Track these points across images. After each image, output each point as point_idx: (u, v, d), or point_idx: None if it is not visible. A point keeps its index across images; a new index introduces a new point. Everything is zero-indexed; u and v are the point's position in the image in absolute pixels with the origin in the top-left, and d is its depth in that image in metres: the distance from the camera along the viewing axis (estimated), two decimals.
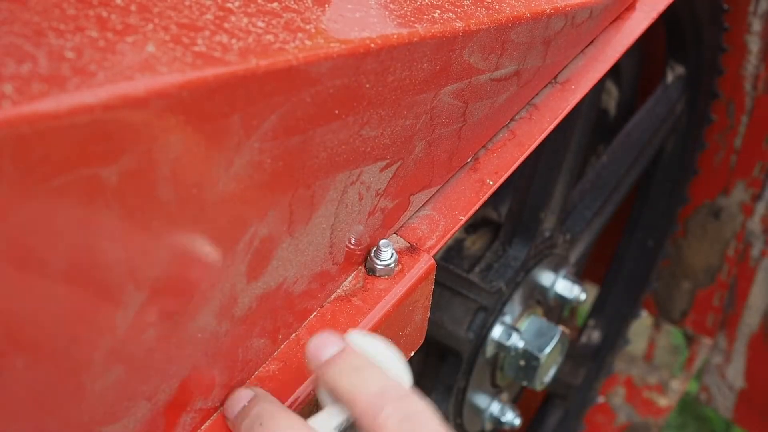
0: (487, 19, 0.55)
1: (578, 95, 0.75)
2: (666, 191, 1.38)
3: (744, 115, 1.35)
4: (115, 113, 0.33)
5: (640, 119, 1.23)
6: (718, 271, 1.49)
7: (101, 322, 0.37)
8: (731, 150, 1.39)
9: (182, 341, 0.43)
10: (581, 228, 1.11)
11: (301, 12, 0.44)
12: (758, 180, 1.39)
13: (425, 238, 0.61)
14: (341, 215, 0.52)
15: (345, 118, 0.46)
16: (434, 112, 0.55)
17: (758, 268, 1.45)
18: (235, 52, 0.38)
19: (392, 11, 0.49)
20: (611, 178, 1.16)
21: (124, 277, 0.37)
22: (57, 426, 0.38)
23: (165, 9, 0.38)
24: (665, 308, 1.56)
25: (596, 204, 1.14)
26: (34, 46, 0.32)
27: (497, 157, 0.68)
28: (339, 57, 0.43)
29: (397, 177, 0.56)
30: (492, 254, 0.98)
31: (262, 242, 0.46)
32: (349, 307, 0.56)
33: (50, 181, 0.32)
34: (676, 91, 1.26)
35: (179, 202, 0.38)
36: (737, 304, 1.48)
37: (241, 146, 0.40)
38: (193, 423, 0.48)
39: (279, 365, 0.52)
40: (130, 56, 0.34)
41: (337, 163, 0.48)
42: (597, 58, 0.78)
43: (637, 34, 0.82)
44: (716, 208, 1.45)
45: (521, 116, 0.71)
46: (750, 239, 1.44)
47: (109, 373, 0.39)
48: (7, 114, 0.29)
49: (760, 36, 1.27)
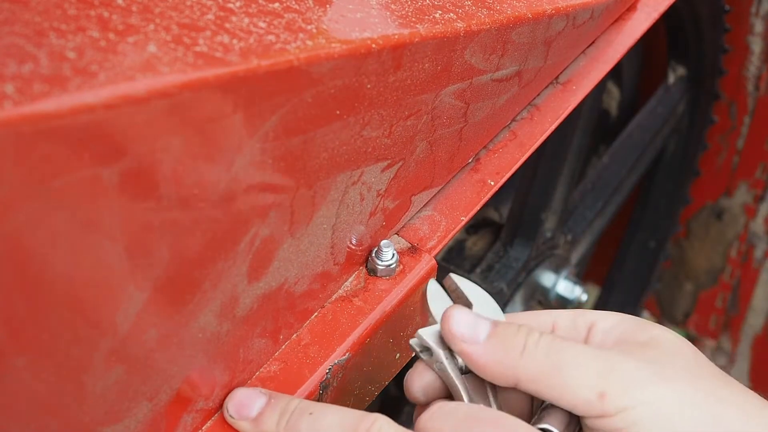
0: (488, 19, 0.55)
1: (579, 96, 0.75)
2: (667, 192, 1.38)
3: (746, 116, 1.35)
4: (116, 113, 0.33)
5: (641, 120, 1.23)
6: (720, 272, 1.49)
7: (102, 322, 0.37)
8: (733, 151, 1.39)
9: (183, 342, 0.43)
10: (583, 229, 1.11)
11: (302, 12, 0.44)
12: (761, 181, 1.39)
13: (426, 239, 0.61)
14: (342, 216, 0.52)
15: (346, 119, 0.46)
16: (435, 112, 0.55)
17: (762, 269, 1.44)
18: (237, 53, 0.38)
19: (393, 12, 0.49)
20: (612, 178, 1.16)
21: (125, 278, 0.37)
22: (58, 426, 0.38)
23: (166, 9, 0.38)
24: (668, 310, 1.56)
25: (598, 205, 1.14)
26: (36, 46, 0.32)
27: (498, 157, 0.68)
28: (340, 57, 0.43)
29: (398, 177, 0.56)
30: (493, 255, 0.98)
31: (264, 243, 0.46)
32: (350, 308, 0.56)
33: (51, 181, 0.32)
34: (677, 92, 1.26)
35: (180, 203, 0.38)
36: (741, 305, 1.48)
37: (243, 147, 0.40)
38: (194, 423, 0.48)
39: (280, 365, 0.52)
40: (132, 56, 0.34)
41: (338, 164, 0.48)
42: (598, 59, 0.78)
43: (639, 35, 0.82)
44: (719, 209, 1.45)
45: (522, 117, 0.71)
46: (753, 241, 1.44)
47: (110, 373, 0.39)
48: (9, 114, 0.29)
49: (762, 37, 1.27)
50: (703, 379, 0.47)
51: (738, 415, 0.45)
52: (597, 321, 0.51)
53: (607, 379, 0.45)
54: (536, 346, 0.47)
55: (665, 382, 0.46)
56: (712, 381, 0.47)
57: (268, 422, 0.47)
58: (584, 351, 0.47)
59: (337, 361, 0.53)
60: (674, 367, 0.47)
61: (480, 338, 0.48)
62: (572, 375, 0.46)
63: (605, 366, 0.46)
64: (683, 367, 0.47)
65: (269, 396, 0.48)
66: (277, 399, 0.48)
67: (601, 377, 0.46)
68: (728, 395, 0.46)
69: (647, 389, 0.45)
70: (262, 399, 0.48)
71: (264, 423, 0.47)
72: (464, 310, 0.49)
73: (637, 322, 0.51)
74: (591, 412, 0.46)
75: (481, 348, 0.48)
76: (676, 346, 0.49)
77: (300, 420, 0.46)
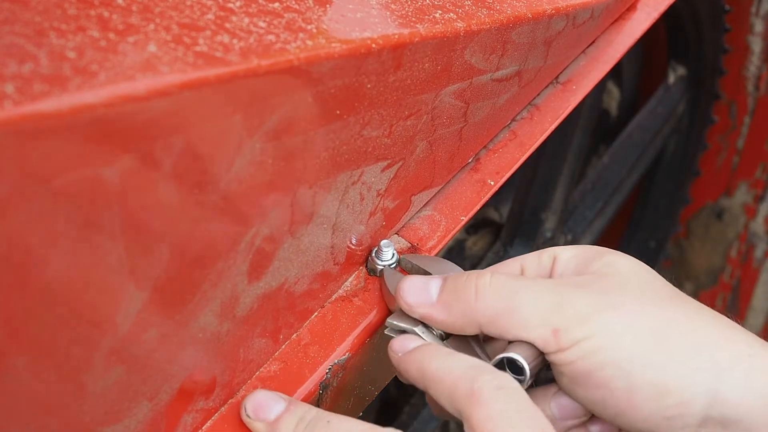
0: (488, 19, 0.55)
1: (579, 96, 0.75)
2: (667, 192, 1.38)
3: (746, 115, 1.35)
4: (116, 113, 0.33)
5: (641, 120, 1.23)
6: (720, 272, 1.49)
7: (102, 322, 0.37)
8: (733, 151, 1.39)
9: (184, 341, 0.43)
10: (583, 229, 1.11)
11: (302, 12, 0.44)
12: (761, 181, 1.39)
13: (426, 239, 0.61)
14: (342, 215, 0.52)
15: (346, 119, 0.46)
16: (435, 112, 0.55)
17: (762, 269, 1.44)
18: (237, 52, 0.38)
19: (393, 11, 0.49)
20: (612, 178, 1.16)
21: (125, 277, 0.37)
22: (58, 426, 0.38)
23: (166, 9, 0.38)
24: None
25: (598, 205, 1.14)
26: (36, 46, 0.32)
27: (498, 157, 0.68)
28: (340, 57, 0.43)
29: (398, 177, 0.56)
30: (493, 255, 0.98)
31: (264, 242, 0.46)
32: (351, 307, 0.56)
33: (52, 181, 0.32)
34: (677, 92, 1.26)
35: (180, 203, 0.38)
36: (741, 305, 1.48)
37: (243, 146, 0.40)
38: (194, 423, 0.48)
39: (280, 365, 0.52)
40: (132, 56, 0.34)
41: (338, 164, 0.48)
42: (598, 59, 0.79)
43: (639, 35, 0.82)
44: (719, 209, 1.45)
45: (522, 116, 0.71)
46: (753, 240, 1.44)
47: (111, 373, 0.39)
48: (9, 114, 0.29)
49: (762, 36, 1.27)
50: (655, 302, 0.48)
51: (684, 333, 0.47)
52: (559, 254, 0.53)
53: (558, 315, 0.47)
54: (487, 287, 0.49)
55: (613, 310, 0.47)
56: (663, 303, 0.48)
57: (284, 427, 0.47)
58: (535, 287, 0.49)
59: (337, 361, 0.53)
60: (624, 294, 0.48)
61: (433, 297, 0.50)
62: (526, 314, 0.48)
63: (555, 301, 0.48)
64: (635, 292, 0.49)
65: (288, 402, 0.49)
66: (296, 406, 0.48)
67: (553, 313, 0.47)
68: (677, 315, 0.48)
69: (596, 320, 0.47)
70: (282, 404, 0.48)
71: (281, 428, 0.47)
72: (412, 278, 0.51)
73: (595, 251, 0.52)
74: (548, 348, 0.48)
75: (438, 305, 0.50)
76: (631, 271, 0.50)
77: (317, 427, 0.46)
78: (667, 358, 0.46)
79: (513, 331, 0.48)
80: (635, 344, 0.46)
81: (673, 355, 0.46)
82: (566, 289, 0.48)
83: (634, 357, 0.46)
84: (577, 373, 0.47)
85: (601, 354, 0.46)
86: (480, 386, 0.43)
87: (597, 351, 0.46)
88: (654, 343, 0.46)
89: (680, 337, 0.47)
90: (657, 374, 0.46)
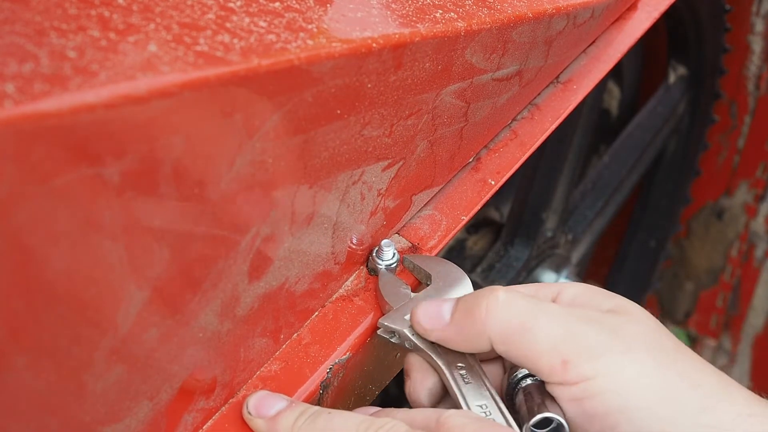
0: (488, 19, 0.55)
1: (580, 95, 0.75)
2: (668, 192, 1.38)
3: (747, 115, 1.35)
4: (116, 113, 0.33)
5: (641, 119, 1.23)
6: (721, 272, 1.49)
7: (103, 321, 0.37)
8: (734, 150, 1.39)
9: (184, 341, 0.43)
10: (583, 228, 1.11)
11: (302, 12, 0.44)
12: (761, 181, 1.39)
13: (427, 238, 0.61)
14: (343, 215, 0.52)
15: (347, 118, 0.46)
16: (436, 111, 0.55)
17: (762, 269, 1.44)
18: (237, 52, 0.38)
19: (394, 11, 0.49)
20: (613, 178, 1.16)
21: (125, 277, 0.37)
22: (58, 426, 0.38)
23: (167, 8, 0.38)
24: (668, 309, 1.56)
25: (598, 204, 1.14)
26: (36, 45, 0.32)
27: (499, 157, 0.68)
28: (341, 57, 0.43)
29: (398, 177, 0.56)
30: (494, 254, 0.98)
31: (264, 242, 0.46)
32: (351, 307, 0.56)
33: (52, 181, 0.32)
34: (678, 92, 1.26)
35: (181, 202, 0.38)
36: (741, 305, 1.48)
37: (243, 146, 0.40)
38: (194, 423, 0.48)
39: (281, 365, 0.52)
40: (132, 56, 0.34)
41: (338, 163, 0.48)
42: (599, 58, 0.78)
43: (639, 34, 0.82)
44: (719, 209, 1.45)
45: (523, 116, 0.71)
46: (753, 240, 1.44)
47: (111, 372, 0.39)
48: (9, 113, 0.29)
49: (762, 36, 1.27)
50: (664, 351, 0.48)
51: (691, 388, 0.46)
52: (562, 290, 0.52)
53: (568, 344, 0.46)
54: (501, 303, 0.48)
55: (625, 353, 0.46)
56: (672, 354, 0.48)
57: (284, 422, 0.47)
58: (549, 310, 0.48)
59: (337, 361, 0.53)
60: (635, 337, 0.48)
61: (446, 319, 0.50)
62: (539, 336, 0.47)
63: (568, 329, 0.47)
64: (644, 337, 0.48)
65: (290, 401, 0.49)
66: (297, 404, 0.49)
67: (564, 341, 0.46)
68: (685, 368, 0.47)
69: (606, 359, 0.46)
70: (282, 403, 0.49)
71: (280, 423, 0.48)
72: (426, 304, 0.51)
73: (602, 292, 0.52)
74: (553, 377, 0.47)
75: (450, 327, 0.50)
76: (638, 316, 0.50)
77: (318, 418, 0.47)
78: (676, 413, 0.45)
79: (522, 352, 0.47)
80: (645, 393, 0.45)
81: (681, 410, 0.45)
82: (579, 320, 0.48)
83: (642, 407, 0.45)
84: (581, 411, 0.46)
85: (607, 398, 0.45)
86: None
87: (603, 393, 0.45)
88: (663, 395, 0.45)
89: (688, 392, 0.46)
90: (664, 428, 0.45)
